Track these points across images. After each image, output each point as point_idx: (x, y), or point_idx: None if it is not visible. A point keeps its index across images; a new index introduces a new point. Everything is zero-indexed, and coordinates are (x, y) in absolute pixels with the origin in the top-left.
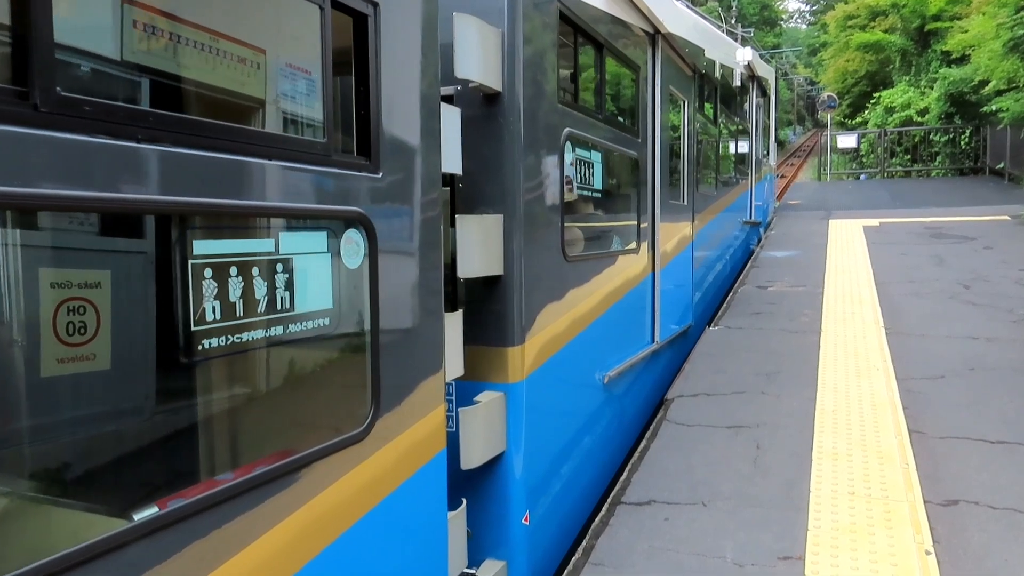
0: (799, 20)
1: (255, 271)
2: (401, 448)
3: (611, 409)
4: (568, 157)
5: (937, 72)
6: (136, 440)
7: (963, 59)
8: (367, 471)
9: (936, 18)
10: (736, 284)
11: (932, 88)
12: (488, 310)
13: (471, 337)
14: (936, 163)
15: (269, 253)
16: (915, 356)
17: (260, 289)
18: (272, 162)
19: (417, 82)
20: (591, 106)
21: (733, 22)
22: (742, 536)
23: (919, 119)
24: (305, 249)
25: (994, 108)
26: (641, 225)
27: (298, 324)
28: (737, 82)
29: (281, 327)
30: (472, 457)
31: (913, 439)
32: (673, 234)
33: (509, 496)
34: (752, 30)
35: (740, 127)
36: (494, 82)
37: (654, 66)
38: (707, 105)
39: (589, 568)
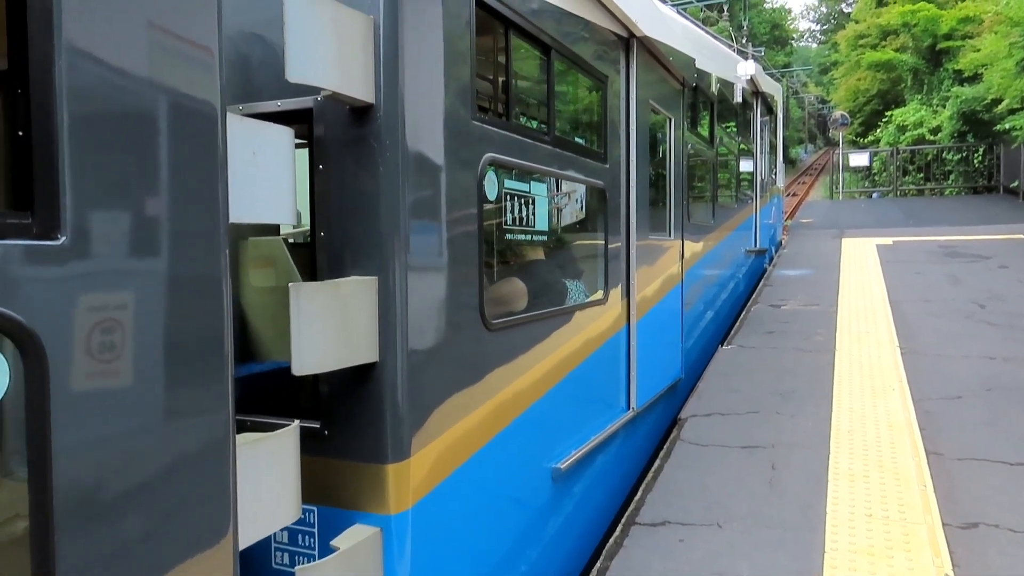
0: (810, 39)
1: None
2: None
3: (565, 506)
4: (491, 191)
5: (949, 90)
6: None
7: (975, 77)
8: None
9: (948, 37)
10: (749, 303)
11: (944, 106)
12: (356, 412)
13: (336, 449)
14: (949, 181)
15: None
16: (931, 376)
17: None
18: None
19: (168, 79)
20: (533, 125)
21: (744, 41)
22: (758, 557)
23: (932, 137)
24: None
25: (1007, 126)
26: (609, 269)
27: None
28: (738, 98)
29: None
30: None
31: (930, 460)
32: (655, 276)
33: None
34: (763, 49)
35: (742, 147)
36: (360, 91)
37: (628, 76)
38: (701, 123)
39: None
